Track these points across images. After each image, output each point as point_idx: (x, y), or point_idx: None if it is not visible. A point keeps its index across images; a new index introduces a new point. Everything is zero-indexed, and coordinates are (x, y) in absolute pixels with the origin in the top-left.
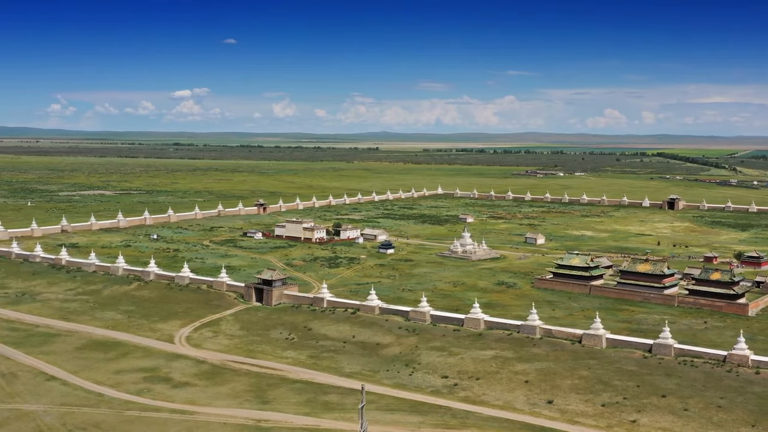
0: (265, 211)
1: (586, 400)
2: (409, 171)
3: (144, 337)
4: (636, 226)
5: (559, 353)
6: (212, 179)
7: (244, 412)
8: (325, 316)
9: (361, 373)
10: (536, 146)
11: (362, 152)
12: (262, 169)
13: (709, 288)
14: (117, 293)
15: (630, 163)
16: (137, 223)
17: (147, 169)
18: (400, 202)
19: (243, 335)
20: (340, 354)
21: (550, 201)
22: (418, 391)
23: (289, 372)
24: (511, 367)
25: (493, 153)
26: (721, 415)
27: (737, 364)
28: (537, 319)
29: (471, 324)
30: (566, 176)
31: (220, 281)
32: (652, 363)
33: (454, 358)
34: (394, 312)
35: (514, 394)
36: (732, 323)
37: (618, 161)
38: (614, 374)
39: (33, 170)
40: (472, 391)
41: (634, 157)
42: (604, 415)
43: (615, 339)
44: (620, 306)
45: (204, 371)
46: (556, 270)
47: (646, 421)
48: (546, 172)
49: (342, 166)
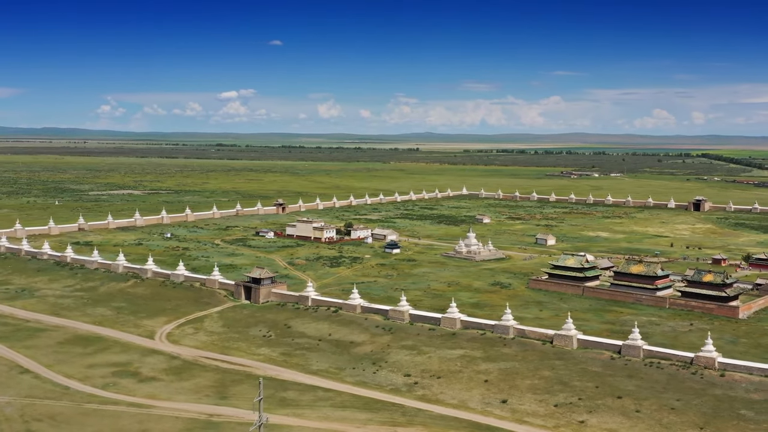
0: (284, 211)
1: (541, 400)
2: (443, 172)
3: (126, 333)
4: (656, 227)
5: (528, 353)
6: (243, 179)
7: (199, 406)
8: (308, 314)
9: (328, 371)
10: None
11: (402, 153)
12: (296, 170)
13: (700, 290)
14: (113, 290)
15: (671, 164)
16: (154, 222)
17: (182, 170)
18: (422, 202)
19: (223, 332)
20: (312, 352)
21: (575, 202)
22: (378, 389)
23: (257, 369)
24: (476, 366)
25: (534, 154)
26: (671, 417)
27: (704, 367)
28: (511, 320)
29: (447, 323)
30: (601, 177)
31: (212, 279)
32: (618, 364)
33: (422, 357)
34: (375, 311)
35: (470, 393)
36: (719, 326)
37: (659, 162)
38: (576, 375)
39: (72, 170)
40: (430, 389)
41: (677, 158)
42: (554, 416)
43: (586, 340)
44: (610, 307)
45: (174, 367)
46: (550, 271)
47: (595, 422)
48: (581, 173)
49: (377, 166)
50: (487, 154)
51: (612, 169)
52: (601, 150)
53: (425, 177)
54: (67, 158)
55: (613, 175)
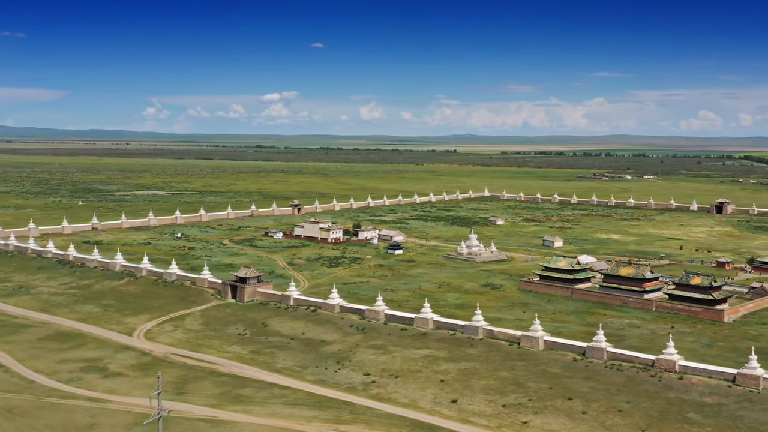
0: (300, 212)
1: (491, 400)
2: (474, 173)
3: (107, 330)
4: (672, 230)
5: (492, 354)
6: (272, 181)
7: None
8: (287, 314)
9: (291, 369)
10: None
11: (439, 155)
12: (326, 171)
13: (687, 293)
14: (106, 288)
15: (711, 166)
16: (168, 222)
17: (214, 171)
18: (441, 204)
19: (200, 330)
20: (281, 350)
21: (596, 204)
22: (335, 387)
23: (222, 366)
24: (436, 366)
25: (573, 156)
26: (616, 419)
27: (664, 369)
28: (481, 320)
29: (420, 324)
30: (633, 179)
31: (202, 278)
32: (579, 366)
33: (386, 356)
34: (353, 311)
35: (424, 392)
36: (701, 329)
37: (699, 164)
38: (534, 376)
39: (106, 171)
40: (385, 388)
41: (718, 161)
42: (500, 416)
43: (552, 341)
44: (595, 310)
45: (142, 363)
46: (542, 272)
47: (538, 423)
48: (613, 176)
49: (408, 168)
50: (524, 156)
51: (647, 172)
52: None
53: (454, 179)
54: (105, 159)
55: (646, 178)
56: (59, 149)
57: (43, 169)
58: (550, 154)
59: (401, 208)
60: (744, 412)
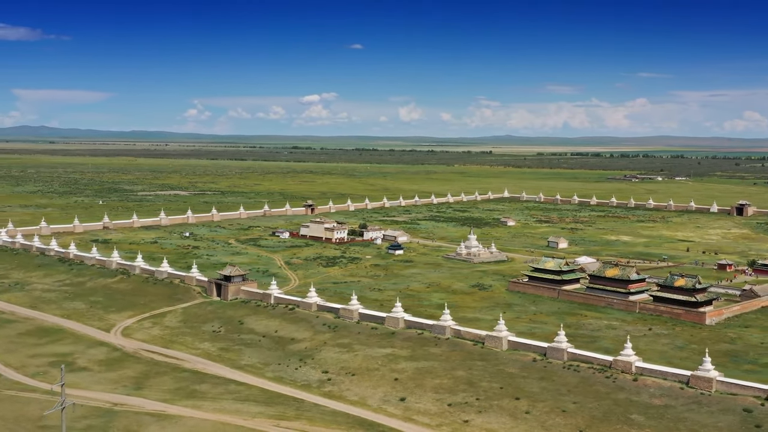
0: (313, 212)
1: (439, 399)
2: (503, 175)
3: (87, 326)
4: (687, 232)
5: (454, 353)
6: (297, 181)
7: (111, 396)
8: (265, 312)
9: (254, 366)
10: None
11: (474, 156)
12: (355, 172)
13: (671, 295)
14: (98, 285)
15: (749, 167)
16: (179, 222)
17: (243, 172)
18: (458, 205)
19: (177, 327)
20: (250, 347)
21: (615, 205)
22: (291, 384)
23: (188, 362)
24: (395, 365)
25: (610, 157)
26: (557, 420)
27: (621, 370)
28: (449, 320)
29: (390, 323)
30: (664, 181)
31: (190, 276)
32: (538, 366)
33: (349, 354)
34: (329, 309)
35: (375, 390)
36: (679, 331)
37: (737, 165)
38: (489, 376)
39: (137, 171)
40: (339, 386)
41: (757, 162)
42: (443, 414)
43: (516, 341)
44: (578, 311)
45: (110, 358)
46: (530, 273)
47: (479, 422)
48: (644, 177)
49: (438, 169)
50: (558, 158)
51: (680, 173)
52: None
53: (481, 179)
54: (140, 160)
55: (677, 179)
56: (98, 150)
57: (75, 170)
58: (586, 156)
59: (416, 209)
60: (689, 414)
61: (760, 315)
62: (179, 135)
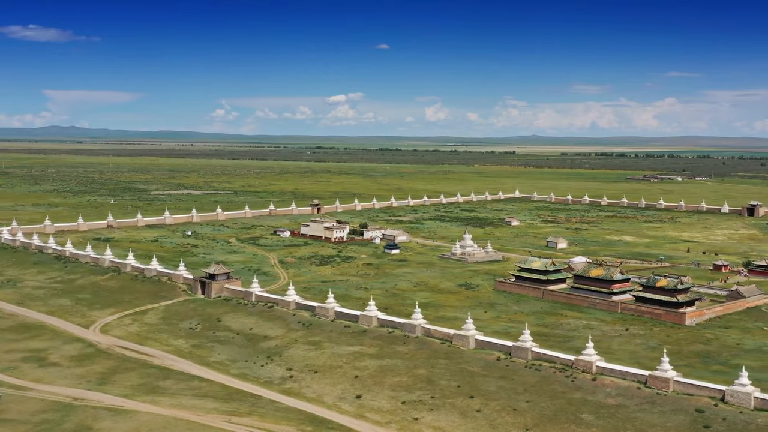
0: (319, 212)
1: (394, 397)
2: (521, 175)
3: (68, 323)
4: (693, 232)
5: (420, 351)
6: (312, 181)
7: (73, 390)
8: (245, 309)
9: (221, 363)
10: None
11: (497, 156)
12: (372, 172)
13: (652, 295)
14: (88, 282)
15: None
16: (184, 221)
17: (261, 171)
18: (467, 204)
19: (155, 324)
20: (222, 344)
21: (626, 206)
22: (253, 381)
23: (157, 358)
24: (359, 363)
25: (635, 157)
26: (506, 418)
27: (582, 370)
28: (419, 319)
29: (364, 321)
30: (684, 181)
31: (177, 274)
32: (500, 365)
33: (317, 352)
34: (306, 308)
35: (334, 388)
36: (657, 331)
37: (762, 166)
38: (449, 374)
39: (156, 171)
40: (300, 383)
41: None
42: (395, 412)
43: (483, 340)
44: (560, 311)
45: (82, 354)
46: (517, 273)
47: (428, 420)
48: (664, 177)
49: (456, 169)
50: (581, 158)
51: (699, 174)
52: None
53: (497, 180)
54: (162, 160)
55: (698, 179)
56: (123, 150)
57: (95, 170)
58: (611, 156)
59: (424, 209)
60: (640, 414)
61: (743, 316)
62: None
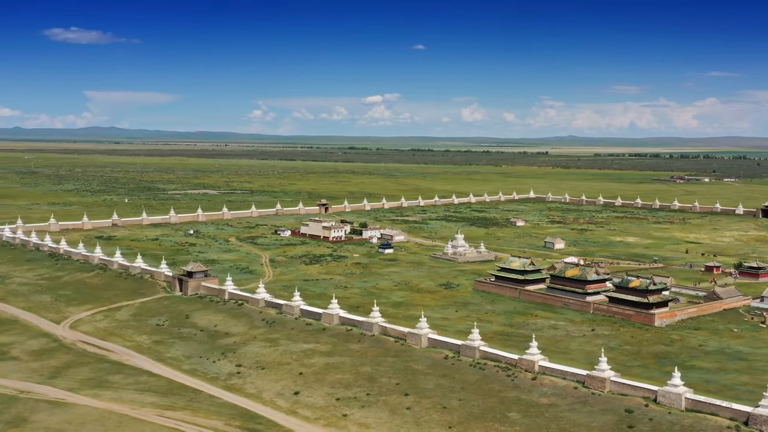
0: (327, 211)
1: (331, 394)
2: (545, 175)
3: (42, 318)
4: (701, 233)
5: (372, 349)
6: (333, 181)
7: (22, 384)
8: (215, 306)
9: (176, 359)
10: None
11: (529, 157)
12: (395, 172)
13: (624, 295)
14: (73, 279)
15: None
16: (189, 219)
17: (285, 171)
18: (479, 205)
19: (125, 320)
20: (183, 341)
21: (640, 207)
22: (200, 377)
23: (116, 354)
24: (307, 360)
25: (669, 158)
26: (433, 416)
27: (525, 369)
28: (377, 317)
29: (326, 319)
30: (711, 182)
31: (159, 272)
32: (446, 363)
33: (270, 349)
34: (274, 305)
35: (276, 384)
36: (623, 332)
37: None
38: (393, 372)
39: (180, 171)
40: (244, 379)
41: None
42: (327, 409)
43: (436, 339)
44: (532, 311)
45: (44, 349)
46: (497, 273)
47: (356, 417)
48: (690, 178)
49: (481, 170)
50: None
51: (729, 175)
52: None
53: (520, 180)
54: (190, 160)
55: (725, 180)
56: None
57: (122, 169)
58: (644, 157)
59: (433, 209)
60: (568, 414)
61: (717, 318)
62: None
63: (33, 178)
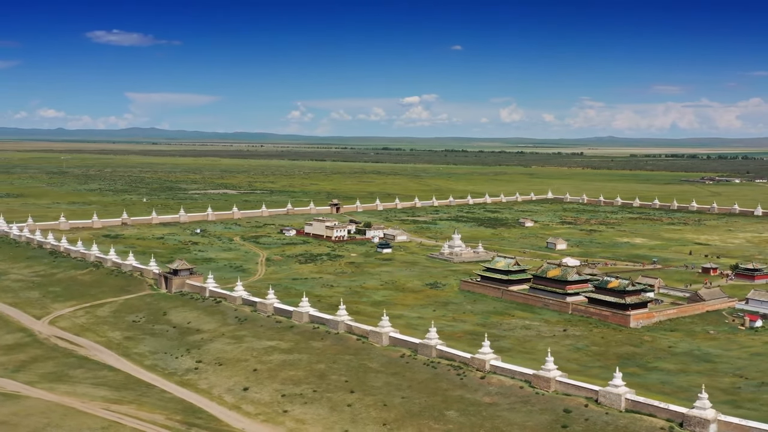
0: (338, 211)
1: (279, 390)
2: (572, 176)
3: (25, 314)
4: (713, 235)
5: (332, 347)
6: (356, 181)
7: None
8: (194, 304)
9: (141, 354)
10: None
11: (563, 157)
12: (420, 173)
13: (603, 296)
14: (66, 276)
15: None
16: (199, 219)
17: (311, 171)
18: (494, 205)
19: (104, 317)
20: (153, 337)
21: (658, 208)
22: (158, 372)
23: (84, 349)
24: (266, 357)
25: (706, 159)
26: (372, 413)
27: (476, 368)
28: (344, 316)
29: (296, 317)
30: (742, 184)
31: (148, 269)
32: (401, 362)
33: (233, 346)
34: (250, 303)
35: (228, 380)
36: (595, 332)
37: None
38: (346, 370)
39: (207, 171)
40: (199, 375)
41: None
42: (270, 405)
43: (396, 338)
44: (512, 311)
45: (17, 343)
46: (483, 273)
47: (296, 413)
48: (720, 179)
49: (507, 170)
50: (648, 160)
51: (762, 176)
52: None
53: (545, 181)
54: (224, 160)
55: (757, 182)
56: (192, 151)
57: (151, 169)
58: (682, 157)
59: (446, 210)
60: (507, 413)
61: (696, 319)
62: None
63: (61, 177)
